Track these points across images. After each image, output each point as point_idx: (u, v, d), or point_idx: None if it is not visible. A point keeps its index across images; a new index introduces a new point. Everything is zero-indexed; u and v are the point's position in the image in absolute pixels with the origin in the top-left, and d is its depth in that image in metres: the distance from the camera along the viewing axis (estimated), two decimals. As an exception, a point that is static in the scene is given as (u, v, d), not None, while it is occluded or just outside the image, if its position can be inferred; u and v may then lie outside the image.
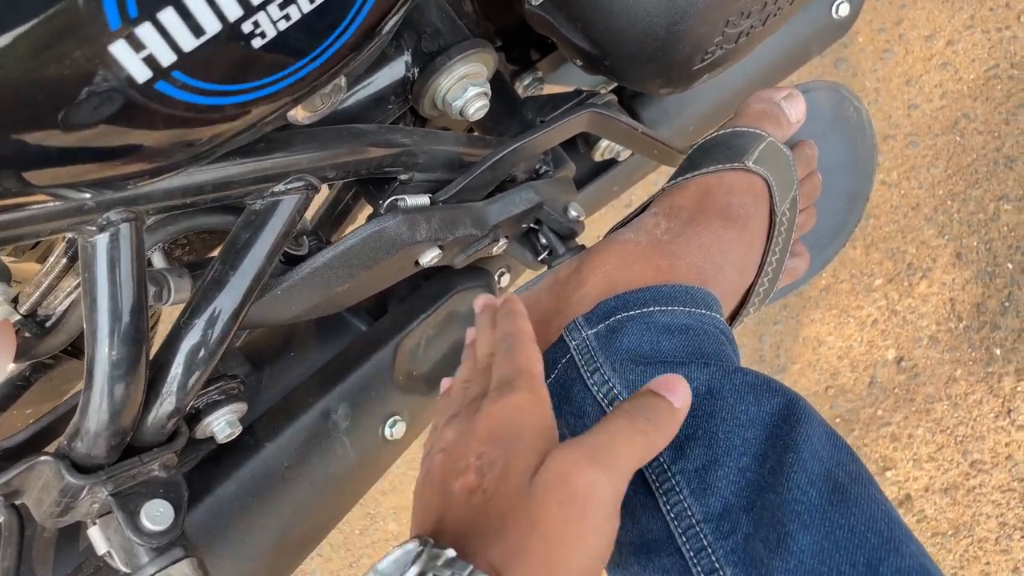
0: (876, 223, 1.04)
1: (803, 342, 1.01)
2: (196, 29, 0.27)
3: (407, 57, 0.53)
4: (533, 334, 0.44)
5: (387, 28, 0.37)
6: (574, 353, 0.47)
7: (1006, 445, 0.99)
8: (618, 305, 0.47)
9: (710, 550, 0.37)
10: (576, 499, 0.34)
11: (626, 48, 0.53)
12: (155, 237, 0.45)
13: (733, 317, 0.58)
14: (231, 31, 0.28)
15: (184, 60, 0.28)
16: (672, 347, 0.46)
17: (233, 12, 0.28)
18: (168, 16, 0.26)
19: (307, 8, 0.30)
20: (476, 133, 0.66)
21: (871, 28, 1.07)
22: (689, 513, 0.38)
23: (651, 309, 0.47)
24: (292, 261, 0.49)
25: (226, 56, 0.29)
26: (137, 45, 0.26)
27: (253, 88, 0.31)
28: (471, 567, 0.31)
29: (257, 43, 0.29)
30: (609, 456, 0.35)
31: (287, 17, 0.29)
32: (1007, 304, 1.02)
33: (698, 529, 0.38)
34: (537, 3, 0.55)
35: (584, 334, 0.47)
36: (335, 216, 0.67)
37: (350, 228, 0.67)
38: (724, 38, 0.54)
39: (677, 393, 0.39)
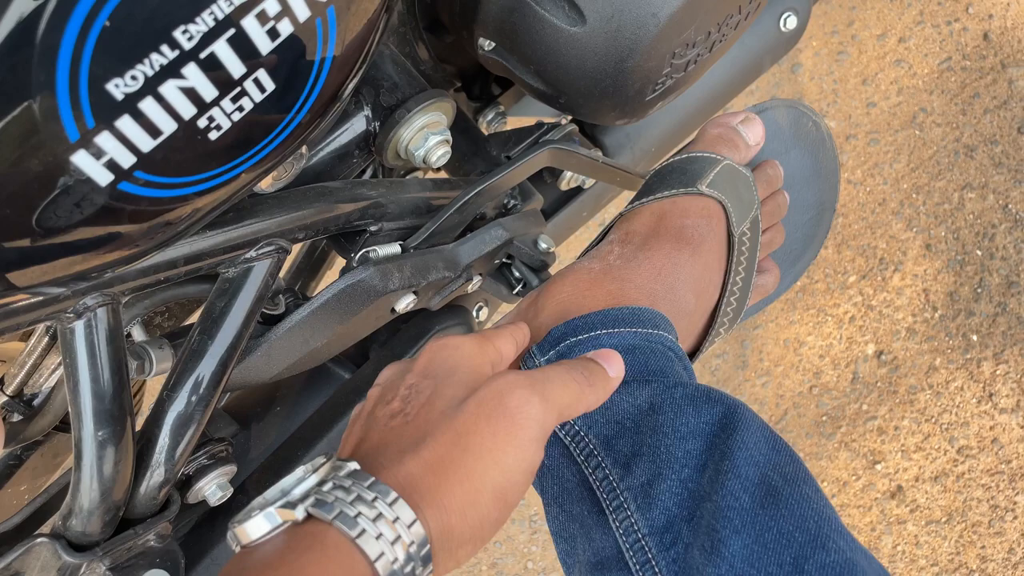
0: (845, 221, 1.06)
1: (784, 344, 1.03)
2: (153, 131, 0.29)
3: (367, 112, 0.55)
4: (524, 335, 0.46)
5: (344, 96, 0.38)
6: None
7: (990, 429, 1.00)
8: (567, 331, 0.48)
9: (654, 563, 0.39)
10: (506, 414, 0.34)
11: (578, 87, 0.55)
12: (132, 312, 0.46)
13: (703, 337, 0.59)
14: (187, 129, 0.29)
15: (144, 160, 0.29)
16: None
17: (187, 111, 0.29)
18: (125, 122, 0.28)
19: (259, 98, 0.31)
20: (443, 175, 0.67)
21: (824, 31, 1.10)
22: (636, 528, 0.40)
23: (598, 332, 0.48)
24: (270, 321, 0.50)
25: (185, 151, 0.30)
26: (97, 152, 0.28)
27: (215, 175, 0.33)
28: (373, 479, 0.31)
29: (214, 135, 0.31)
30: (545, 388, 0.36)
31: (240, 108, 0.31)
32: (979, 290, 1.04)
33: (644, 543, 0.40)
34: (490, 48, 0.56)
35: (536, 363, 0.48)
36: (312, 264, 0.69)
37: (329, 274, 0.68)
38: (672, 69, 0.56)
39: (612, 363, 0.42)
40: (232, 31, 0.28)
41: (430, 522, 0.31)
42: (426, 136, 0.55)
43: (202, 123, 0.30)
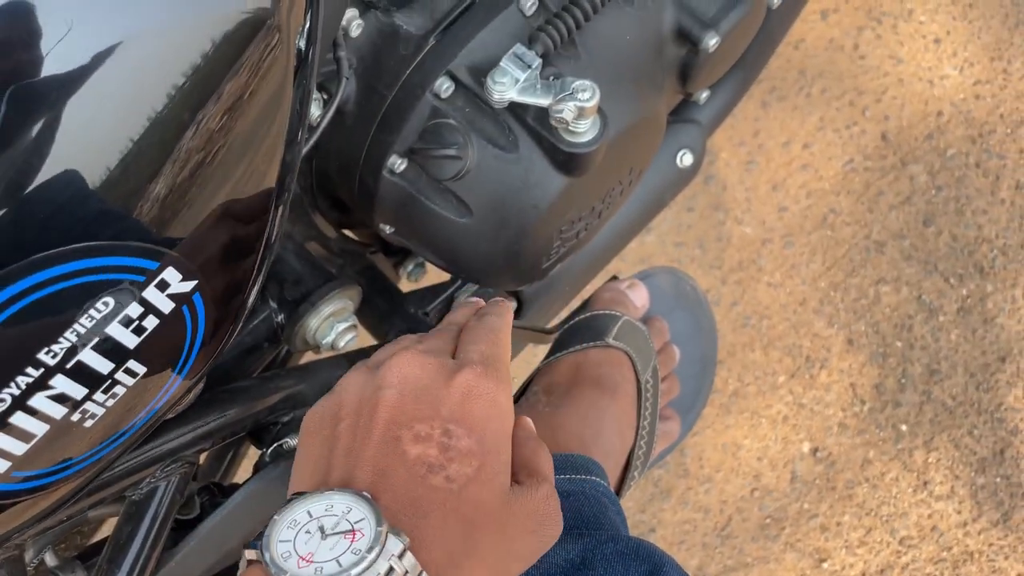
0: (769, 323, 1.09)
1: (723, 449, 1.05)
2: (25, 437, 0.30)
3: (274, 306, 0.57)
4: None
5: (229, 342, 0.40)
6: None
7: (929, 517, 1.03)
8: None
9: None
10: (552, 536, 0.34)
11: (474, 267, 0.58)
12: (41, 543, 0.47)
13: (621, 482, 0.62)
14: (60, 426, 0.31)
15: (19, 462, 0.31)
16: None
17: (58, 413, 0.31)
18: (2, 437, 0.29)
19: (132, 382, 0.33)
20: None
21: (732, 143, 1.15)
22: None
23: None
24: (184, 526, 0.51)
25: (60, 444, 0.32)
26: (-31, 469, 0.29)
27: (98, 451, 0.34)
28: (421, 571, 0.29)
29: (89, 423, 0.32)
30: None
31: (114, 396, 0.33)
32: (903, 381, 1.07)
33: None
34: (390, 231, 0.59)
35: None
36: (227, 449, 0.69)
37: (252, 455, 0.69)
38: (563, 241, 0.59)
39: None
40: (96, 339, 0.30)
41: None
42: (332, 324, 0.57)
43: (75, 417, 0.32)
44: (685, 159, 0.80)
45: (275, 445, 0.54)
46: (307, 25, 0.33)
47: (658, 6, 0.56)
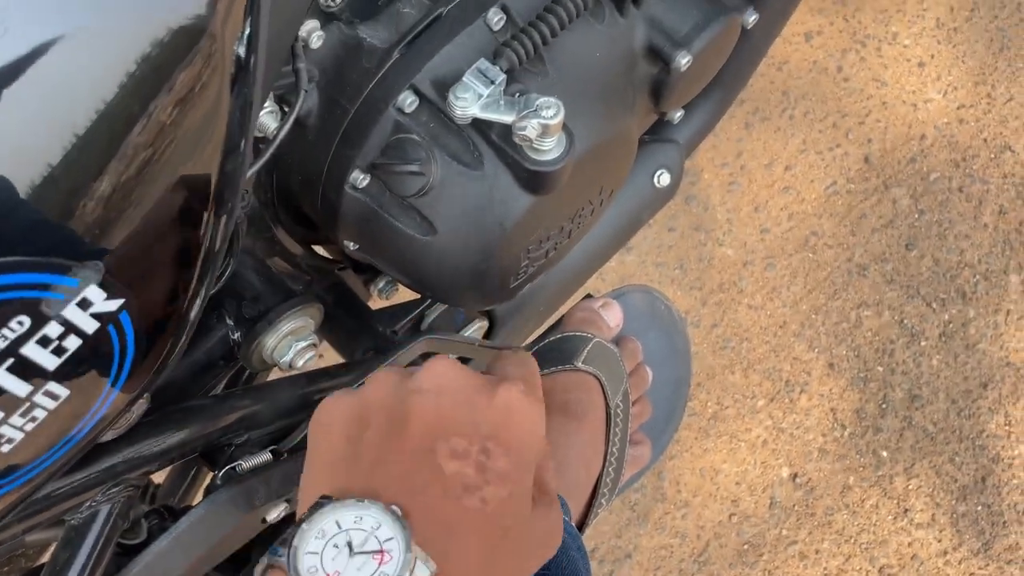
0: (749, 346, 1.08)
1: (701, 473, 1.04)
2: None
3: (230, 323, 0.55)
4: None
5: (171, 361, 0.38)
6: None
7: (909, 545, 1.01)
8: None
9: None
10: (550, 554, 0.33)
11: (439, 285, 0.56)
12: (-26, 569, 0.45)
13: (588, 510, 0.60)
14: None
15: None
16: None
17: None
18: None
19: (53, 406, 0.31)
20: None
21: (714, 164, 1.15)
22: None
23: None
24: (130, 551, 0.49)
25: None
26: None
27: (20, 475, 0.33)
28: None
29: (7, 448, 0.31)
30: None
31: (33, 419, 0.31)
32: (884, 406, 1.06)
33: None
34: (354, 248, 0.58)
35: None
36: (184, 470, 0.67)
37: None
38: (531, 260, 0.58)
39: None
40: (11, 360, 0.29)
41: None
42: (291, 343, 0.55)
43: (-9, 442, 0.30)
44: (663, 179, 0.79)
45: (227, 468, 0.52)
46: (247, 31, 0.32)
47: (629, 24, 0.55)
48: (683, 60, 0.55)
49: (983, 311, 1.09)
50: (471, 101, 0.46)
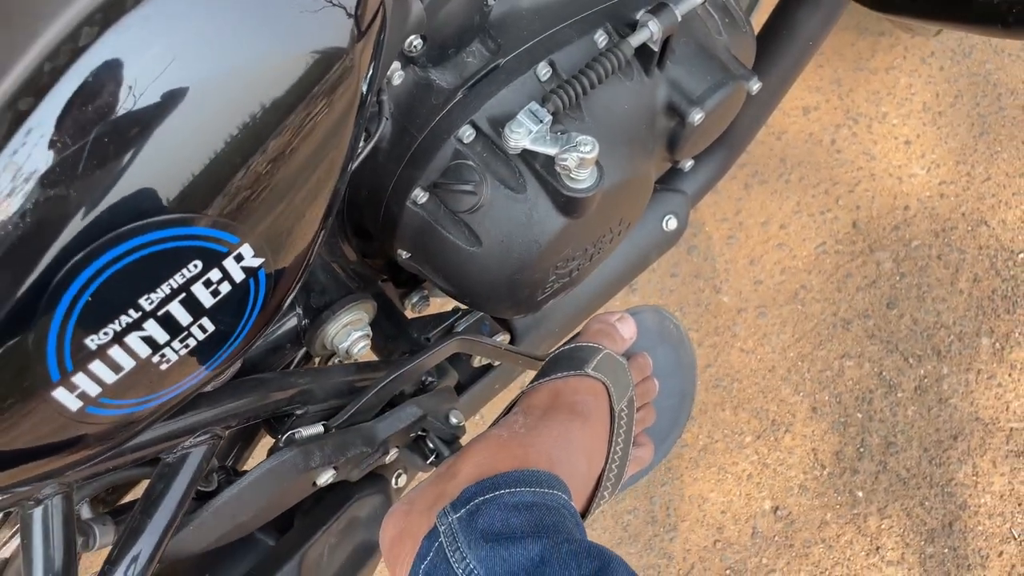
0: (740, 386, 1.17)
1: (689, 500, 1.11)
2: (116, 368, 0.37)
3: (299, 310, 0.64)
4: None
5: (273, 322, 0.47)
6: (442, 537, 0.56)
7: (879, 580, 1.09)
8: (477, 491, 0.57)
9: None
10: None
11: (479, 292, 0.66)
12: (82, 494, 0.53)
13: (591, 500, 0.68)
14: (143, 364, 0.38)
15: (108, 390, 0.38)
16: (519, 522, 0.55)
17: (144, 352, 0.38)
18: (95, 365, 0.36)
19: (202, 336, 0.40)
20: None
21: (715, 218, 1.25)
22: None
23: (502, 492, 0.57)
24: (202, 497, 0.57)
25: (140, 380, 0.39)
26: (71, 388, 0.36)
27: (164, 394, 0.41)
28: None
29: (164, 367, 0.40)
30: None
31: (187, 345, 0.40)
32: (862, 450, 1.14)
33: None
34: (407, 257, 0.67)
35: (450, 519, 0.56)
36: (245, 436, 0.76)
37: (263, 444, 0.75)
38: (557, 277, 0.67)
39: None
40: (183, 295, 0.38)
41: None
42: (349, 332, 0.64)
43: (155, 359, 0.39)
44: (670, 223, 0.89)
45: (288, 433, 0.61)
46: (371, 72, 0.42)
47: (653, 83, 0.65)
48: (697, 116, 0.66)
49: (956, 369, 1.19)
50: (523, 135, 0.56)
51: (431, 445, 0.74)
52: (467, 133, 0.60)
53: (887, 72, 1.37)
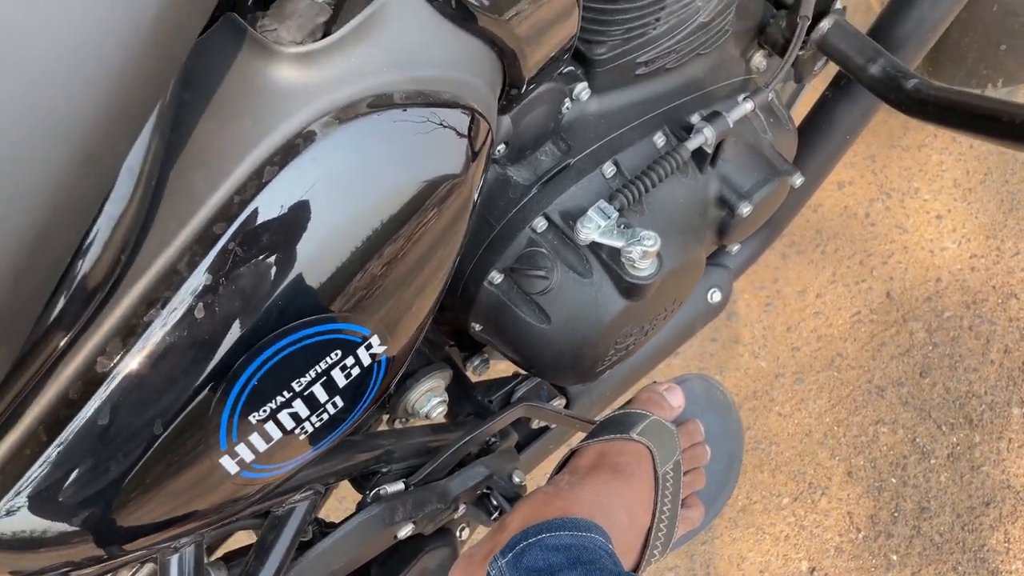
0: (778, 449, 1.22)
1: (728, 560, 1.16)
2: (267, 439, 0.45)
3: (384, 379, 0.71)
4: None
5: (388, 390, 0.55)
6: None
7: (914, 644, 1.12)
8: (522, 537, 0.63)
9: None
10: None
11: (545, 363, 0.72)
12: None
13: (641, 555, 0.74)
14: (288, 435, 0.46)
15: (259, 457, 0.45)
16: (558, 560, 0.62)
17: (290, 425, 0.45)
18: (253, 437, 0.44)
19: (334, 411, 0.48)
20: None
21: (753, 286, 1.31)
22: None
23: (544, 536, 0.63)
24: (300, 546, 0.64)
25: (283, 448, 0.46)
26: (233, 455, 0.44)
27: (299, 459, 0.48)
28: None
29: (302, 437, 0.47)
30: None
31: (321, 418, 0.47)
32: (896, 514, 1.18)
33: None
34: (479, 329, 0.74)
35: (499, 563, 0.62)
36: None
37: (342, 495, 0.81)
38: (615, 351, 0.74)
39: None
40: (325, 378, 0.45)
41: None
42: (429, 398, 0.72)
43: (297, 431, 0.46)
44: (715, 296, 0.96)
45: (375, 490, 0.68)
46: (481, 184, 0.50)
47: (706, 179, 0.73)
48: (745, 209, 0.73)
49: (987, 437, 1.23)
50: (593, 230, 0.64)
51: (495, 502, 0.80)
52: (540, 224, 0.68)
53: (919, 149, 1.43)
